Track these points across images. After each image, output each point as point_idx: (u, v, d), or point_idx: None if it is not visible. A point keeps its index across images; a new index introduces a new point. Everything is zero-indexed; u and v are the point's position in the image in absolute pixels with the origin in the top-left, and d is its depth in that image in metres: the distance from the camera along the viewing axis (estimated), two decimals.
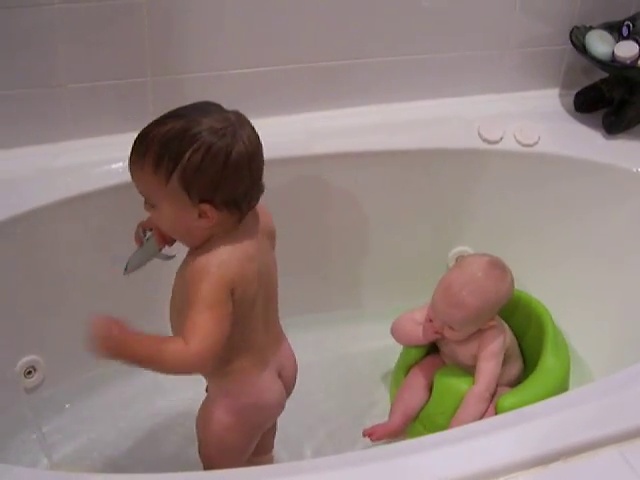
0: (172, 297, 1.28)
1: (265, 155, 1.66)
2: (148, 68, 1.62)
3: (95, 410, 1.67)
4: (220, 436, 1.32)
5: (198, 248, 1.19)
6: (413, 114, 1.85)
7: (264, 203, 1.25)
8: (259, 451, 1.42)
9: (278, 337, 1.36)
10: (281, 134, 1.73)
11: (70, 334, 1.30)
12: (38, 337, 1.59)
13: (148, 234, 1.28)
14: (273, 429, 1.46)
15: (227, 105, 1.69)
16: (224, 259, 1.16)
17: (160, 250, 1.29)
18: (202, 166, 1.10)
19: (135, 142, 1.15)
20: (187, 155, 1.10)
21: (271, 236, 1.31)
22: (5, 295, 1.49)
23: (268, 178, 1.68)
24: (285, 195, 1.73)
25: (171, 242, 1.27)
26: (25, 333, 1.35)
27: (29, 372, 1.61)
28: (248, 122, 1.17)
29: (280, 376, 1.35)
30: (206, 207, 1.13)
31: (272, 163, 1.67)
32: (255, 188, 1.19)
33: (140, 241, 1.29)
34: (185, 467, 1.45)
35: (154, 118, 1.65)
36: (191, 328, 1.13)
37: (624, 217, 1.76)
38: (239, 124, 1.14)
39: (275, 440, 1.49)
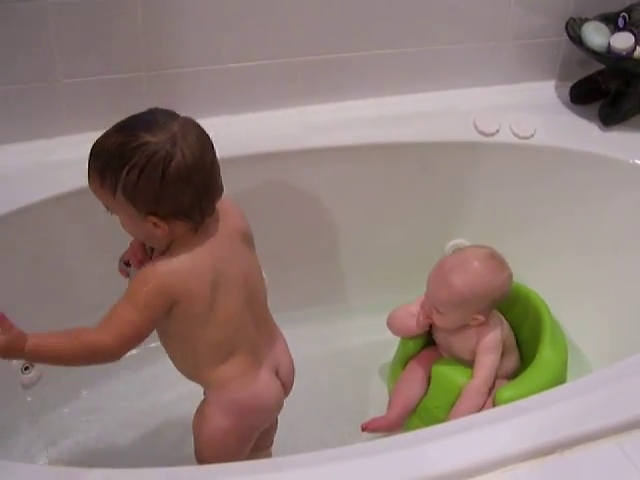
0: None
1: (260, 149, 1.68)
2: (143, 63, 1.62)
3: (93, 405, 1.67)
4: (216, 439, 1.31)
5: (162, 252, 1.21)
6: (409, 107, 1.85)
7: (255, 203, 1.25)
8: (257, 447, 1.42)
9: (272, 335, 1.36)
10: (276, 127, 1.74)
11: (71, 325, 1.30)
12: (38, 329, 1.58)
13: (131, 266, 1.30)
14: (273, 426, 1.47)
15: (221, 99, 1.70)
16: (171, 269, 1.17)
17: None
18: (140, 182, 1.11)
19: (89, 155, 1.15)
20: (125, 171, 1.10)
21: (245, 237, 1.29)
22: (4, 289, 1.49)
23: (264, 171, 1.69)
24: (280, 189, 1.74)
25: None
26: (25, 325, 1.34)
27: (26, 368, 1.61)
28: (195, 129, 1.15)
29: (277, 374, 1.35)
30: (153, 219, 1.14)
31: (267, 157, 1.70)
32: (206, 196, 1.17)
33: (126, 273, 1.31)
34: (184, 462, 1.44)
35: None
36: (108, 319, 1.15)
37: (621, 209, 1.76)
38: (182, 135, 1.12)
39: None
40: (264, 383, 1.31)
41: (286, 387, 1.38)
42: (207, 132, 1.18)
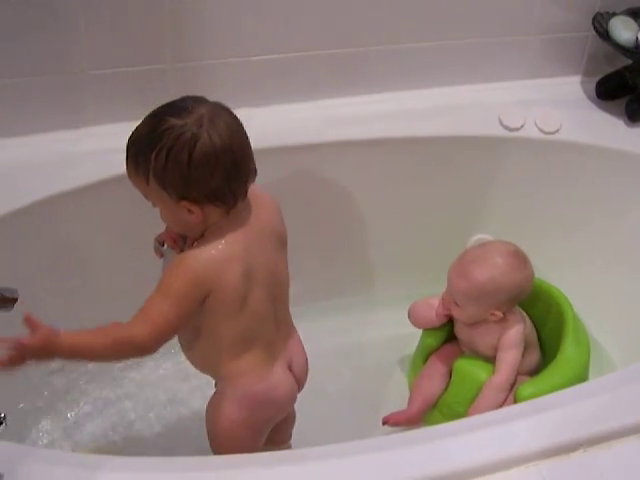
0: None
1: (282, 142, 1.67)
2: (168, 54, 1.62)
3: (114, 394, 1.68)
4: (229, 430, 1.31)
5: (196, 240, 1.21)
6: (433, 101, 1.84)
7: (277, 196, 1.24)
8: (276, 440, 1.43)
9: (288, 332, 1.36)
10: (298, 120, 1.73)
11: (91, 318, 1.30)
12: (59, 321, 1.60)
13: (165, 245, 1.30)
14: (291, 419, 1.47)
15: (243, 92, 1.70)
16: (205, 259, 1.17)
17: None
18: (168, 164, 1.12)
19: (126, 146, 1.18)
20: (153, 155, 1.12)
21: (278, 235, 1.30)
22: (27, 279, 1.50)
23: (286, 164, 1.69)
24: (301, 182, 1.74)
25: (183, 245, 1.28)
26: (46, 316, 1.35)
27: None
28: (225, 114, 1.16)
29: (290, 369, 1.35)
30: (186, 204, 1.15)
31: (289, 150, 1.69)
32: (236, 178, 1.17)
33: (160, 253, 1.32)
34: (203, 453, 1.46)
35: None
36: (142, 313, 1.14)
37: None
38: (209, 117, 1.13)
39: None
40: (278, 376, 1.31)
41: (299, 382, 1.38)
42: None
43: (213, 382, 1.37)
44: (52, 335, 1.06)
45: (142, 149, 1.14)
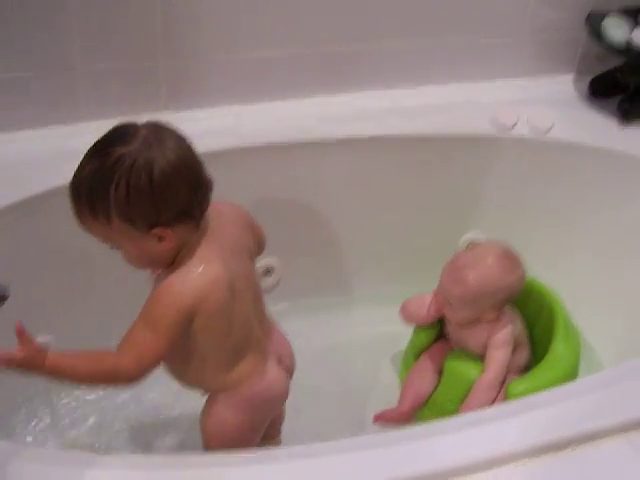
0: None
1: (276, 139, 1.67)
2: (160, 51, 1.62)
3: (105, 391, 1.67)
4: (230, 435, 1.30)
5: (169, 267, 1.16)
6: (426, 99, 1.84)
7: (264, 193, 1.22)
8: (267, 435, 1.42)
9: (269, 326, 1.36)
10: (290, 118, 1.73)
11: (84, 316, 1.30)
12: (53, 318, 1.60)
13: None
14: (282, 414, 1.47)
15: (235, 88, 1.70)
16: (187, 286, 1.13)
17: None
18: (131, 196, 1.06)
19: (69, 196, 1.11)
20: (112, 191, 1.06)
21: (247, 227, 1.28)
22: (21, 275, 1.49)
23: (278, 161, 1.69)
24: (292, 179, 1.73)
25: None
26: (41, 314, 1.35)
27: None
28: (166, 129, 1.12)
29: (280, 362, 1.35)
30: (158, 230, 1.10)
31: (281, 147, 1.69)
32: (200, 189, 1.13)
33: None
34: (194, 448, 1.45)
35: (166, 101, 1.66)
36: (126, 344, 1.12)
37: (638, 206, 1.75)
38: (154, 136, 1.09)
39: (284, 425, 1.49)
40: (272, 374, 1.31)
41: (289, 373, 1.38)
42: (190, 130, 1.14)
43: None
44: (38, 354, 1.04)
45: (96, 189, 1.07)
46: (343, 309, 1.90)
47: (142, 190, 1.06)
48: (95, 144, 1.11)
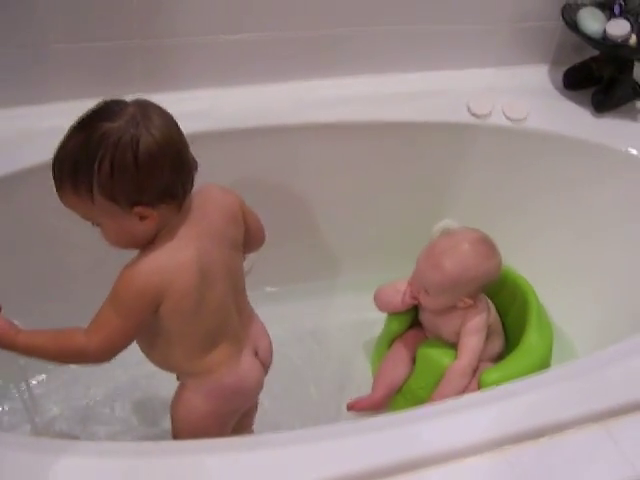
0: None
1: (252, 123, 1.65)
2: (136, 31, 1.58)
3: (79, 376, 1.65)
4: (198, 423, 1.29)
5: (144, 247, 1.15)
6: (402, 86, 1.83)
7: (244, 178, 1.21)
8: (239, 427, 1.41)
9: (249, 317, 1.34)
10: (269, 102, 1.71)
11: (58, 300, 1.28)
12: (23, 302, 1.57)
13: None
14: (254, 406, 1.46)
15: (215, 71, 1.68)
16: (154, 268, 1.12)
17: None
18: (115, 173, 1.05)
19: (52, 170, 1.10)
20: (95, 167, 1.05)
21: (233, 217, 1.25)
22: None
23: (255, 146, 1.68)
24: (269, 164, 1.72)
25: None
26: (11, 298, 1.33)
27: None
28: (152, 106, 1.10)
29: (256, 355, 1.33)
30: (140, 209, 1.09)
31: (258, 131, 1.68)
32: (183, 169, 1.12)
33: None
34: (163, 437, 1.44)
35: (141, 82, 1.62)
36: (95, 324, 1.13)
37: (610, 195, 1.76)
38: (141, 114, 1.07)
39: (257, 415, 1.48)
40: (247, 365, 1.30)
41: (265, 366, 1.36)
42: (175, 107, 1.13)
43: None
44: (10, 331, 1.09)
45: (80, 165, 1.05)
46: (319, 296, 1.88)
47: (126, 168, 1.05)
48: (81, 119, 1.09)
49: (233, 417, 1.35)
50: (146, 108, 1.09)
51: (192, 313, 1.18)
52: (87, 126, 1.07)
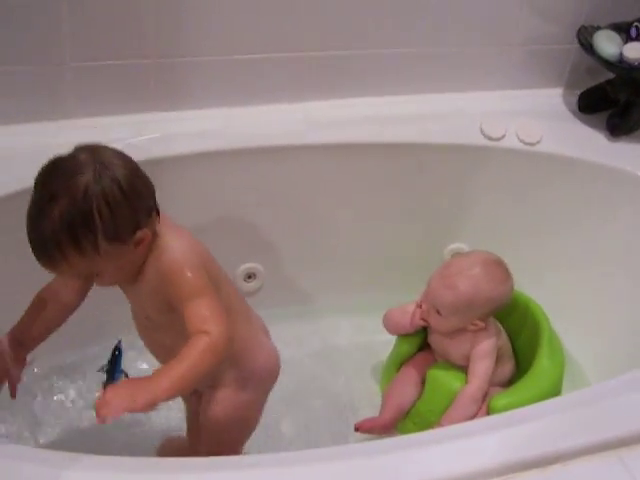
0: (139, 312, 1.29)
1: (258, 143, 1.66)
2: (151, 50, 1.60)
3: (85, 390, 1.66)
4: (242, 416, 1.34)
5: (145, 262, 1.19)
6: (415, 108, 1.83)
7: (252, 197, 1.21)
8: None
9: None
10: (276, 122, 1.72)
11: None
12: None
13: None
14: None
15: (223, 91, 1.69)
16: (183, 247, 1.18)
17: None
18: (114, 213, 1.09)
19: (38, 251, 1.10)
20: (97, 219, 1.08)
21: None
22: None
23: (262, 166, 1.68)
24: (277, 184, 1.73)
25: None
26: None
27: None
28: (96, 147, 1.13)
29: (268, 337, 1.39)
30: (140, 233, 1.14)
31: (265, 152, 1.68)
32: (151, 184, 1.17)
33: None
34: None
35: (155, 100, 1.63)
36: (202, 319, 1.14)
37: (625, 220, 1.75)
38: (97, 156, 1.11)
39: (265, 435, 1.48)
40: (267, 346, 1.36)
41: None
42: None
43: None
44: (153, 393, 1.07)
45: (78, 226, 1.07)
46: (328, 317, 1.88)
47: (120, 202, 1.09)
48: (43, 190, 1.10)
49: (266, 399, 1.38)
50: (94, 149, 1.12)
51: (217, 281, 1.22)
52: (61, 191, 1.07)
